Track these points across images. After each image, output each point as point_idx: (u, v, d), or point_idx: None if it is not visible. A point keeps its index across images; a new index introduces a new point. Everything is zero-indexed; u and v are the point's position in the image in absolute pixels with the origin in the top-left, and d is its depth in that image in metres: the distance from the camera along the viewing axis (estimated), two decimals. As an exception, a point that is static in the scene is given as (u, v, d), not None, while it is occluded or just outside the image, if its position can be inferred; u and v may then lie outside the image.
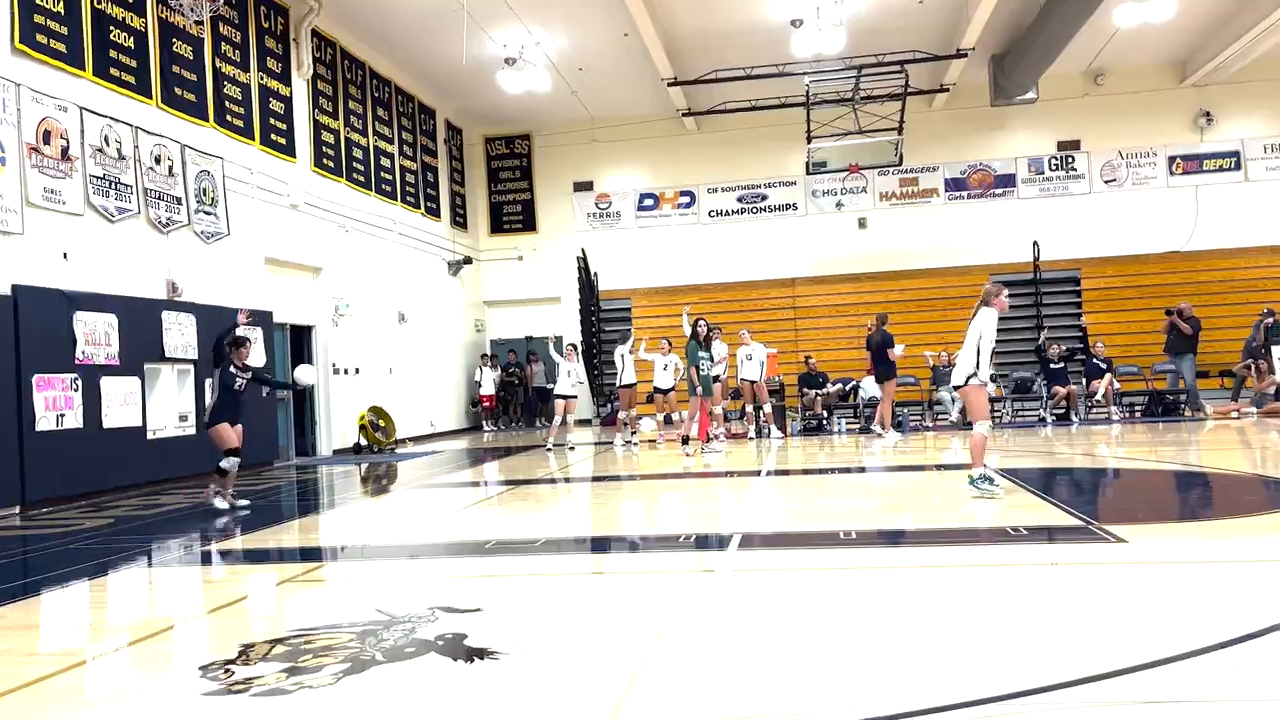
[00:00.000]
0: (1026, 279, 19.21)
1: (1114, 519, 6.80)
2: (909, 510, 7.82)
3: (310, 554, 7.14)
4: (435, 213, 19.89)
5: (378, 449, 15.49)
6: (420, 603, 4.79)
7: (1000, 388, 16.08)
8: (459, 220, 21.10)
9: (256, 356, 13.12)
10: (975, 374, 7.70)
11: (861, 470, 11.26)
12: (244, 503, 9.14)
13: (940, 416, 15.92)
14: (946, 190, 20.22)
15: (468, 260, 20.83)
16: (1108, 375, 15.46)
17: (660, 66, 17.15)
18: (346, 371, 15.85)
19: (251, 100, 13.62)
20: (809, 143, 17.79)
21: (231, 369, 8.97)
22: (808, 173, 19.21)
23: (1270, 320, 15.56)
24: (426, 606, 4.68)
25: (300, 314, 14.93)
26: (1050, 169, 19.83)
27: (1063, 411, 15.40)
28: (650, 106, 20.07)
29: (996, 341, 7.92)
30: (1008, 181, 19.97)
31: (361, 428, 15.64)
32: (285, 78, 14.52)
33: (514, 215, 22.02)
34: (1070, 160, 19.72)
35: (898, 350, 14.80)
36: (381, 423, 16.05)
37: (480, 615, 4.49)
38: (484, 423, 20.56)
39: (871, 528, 6.79)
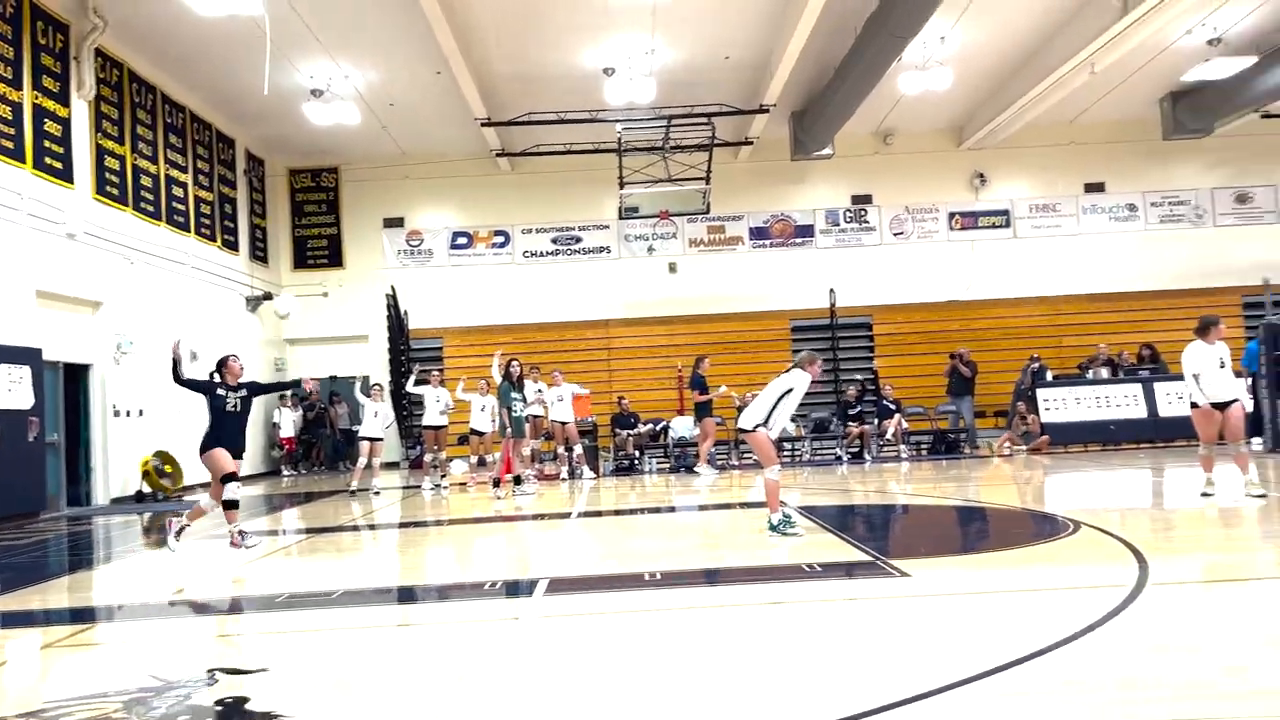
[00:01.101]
0: (824, 324, 20.27)
1: (900, 554, 7.20)
2: (713, 549, 8.01)
3: (80, 614, 6.53)
4: (233, 246, 18.94)
5: (163, 496, 14.45)
6: (199, 665, 4.46)
7: (800, 428, 16.79)
8: (259, 254, 20.16)
9: (23, 396, 12.00)
10: (764, 424, 7.96)
11: (671, 510, 11.46)
12: (254, 540, 8.24)
13: (746, 455, 16.44)
14: (751, 238, 21.09)
15: (268, 296, 19.91)
16: (897, 415, 16.46)
17: (474, 106, 17.11)
18: (129, 413, 14.73)
19: (23, 120, 12.56)
20: (621, 188, 18.16)
21: (220, 390, 8.18)
22: (620, 217, 19.59)
23: (1036, 365, 17.05)
24: (206, 669, 4.37)
25: (76, 351, 13.78)
26: (845, 221, 21.06)
27: (857, 450, 16.25)
28: (464, 145, 19.95)
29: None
30: (807, 231, 21.05)
31: (145, 474, 14.55)
32: (64, 98, 13.50)
33: (319, 250, 21.27)
34: (863, 213, 21.02)
35: (719, 390, 15.27)
36: (167, 468, 14.99)
37: (266, 676, 4.23)
38: (283, 467, 19.58)
39: (676, 568, 6.89)
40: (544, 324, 20.48)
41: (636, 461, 16.26)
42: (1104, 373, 17.01)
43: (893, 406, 16.65)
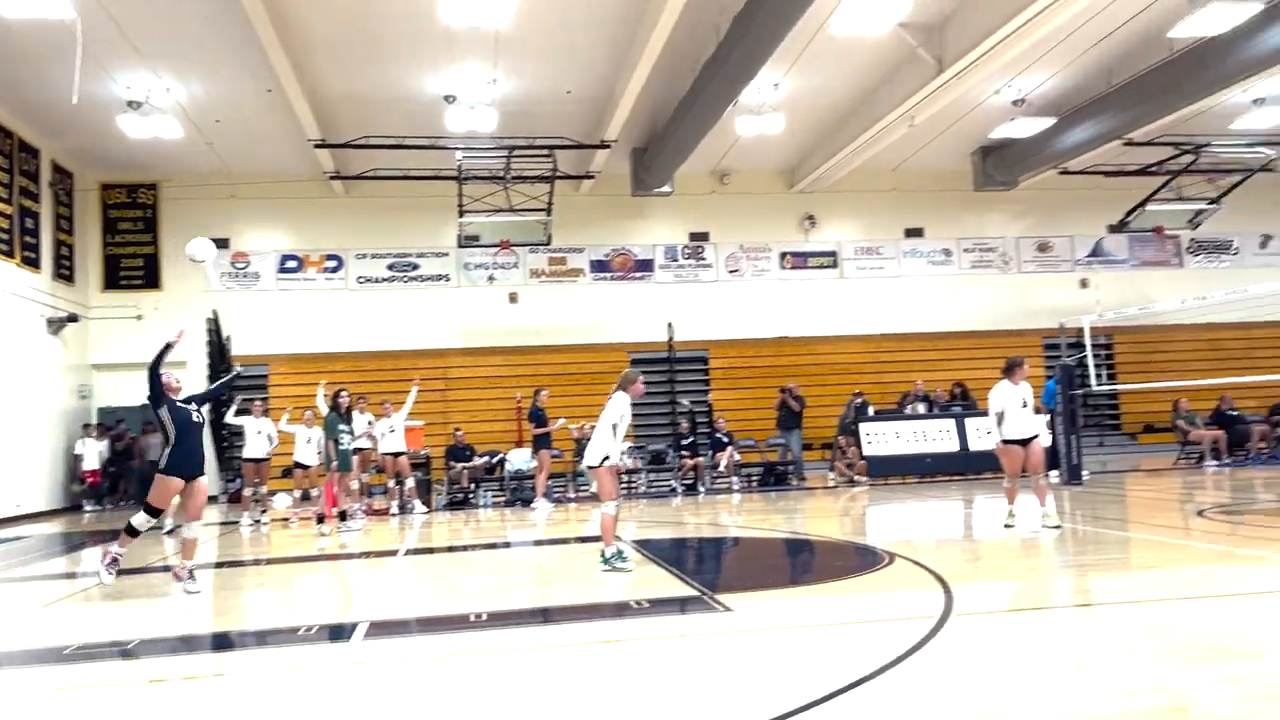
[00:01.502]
0: (662, 357, 20.57)
1: (726, 588, 7.33)
2: (545, 587, 7.92)
3: None
4: (34, 264, 17.55)
5: (-57, 536, 13.14)
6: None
7: (636, 460, 16.93)
8: (64, 273, 18.77)
9: None
10: (609, 457, 8.01)
11: (506, 546, 11.30)
12: (195, 587, 7.62)
13: (583, 488, 16.43)
14: (592, 270, 21.23)
15: (72, 318, 18.53)
16: (729, 448, 16.85)
17: (307, 127, 16.56)
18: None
19: None
20: (461, 216, 17.94)
21: (179, 401, 7.62)
22: (460, 245, 19.33)
23: (859, 400, 17.83)
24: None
25: None
26: (683, 257, 21.51)
27: (691, 482, 16.51)
28: (296, 166, 19.26)
29: (633, 415, 8.32)
30: (647, 266, 21.38)
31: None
32: None
33: (134, 271, 19.98)
34: (701, 250, 21.54)
35: (558, 423, 15.22)
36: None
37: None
38: (85, 502, 18.17)
39: (503, 607, 6.77)
40: (378, 352, 19.92)
41: (471, 495, 15.96)
42: (921, 408, 17.96)
43: (725, 439, 17.03)
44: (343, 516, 12.25)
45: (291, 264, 20.34)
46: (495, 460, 16.50)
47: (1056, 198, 21.84)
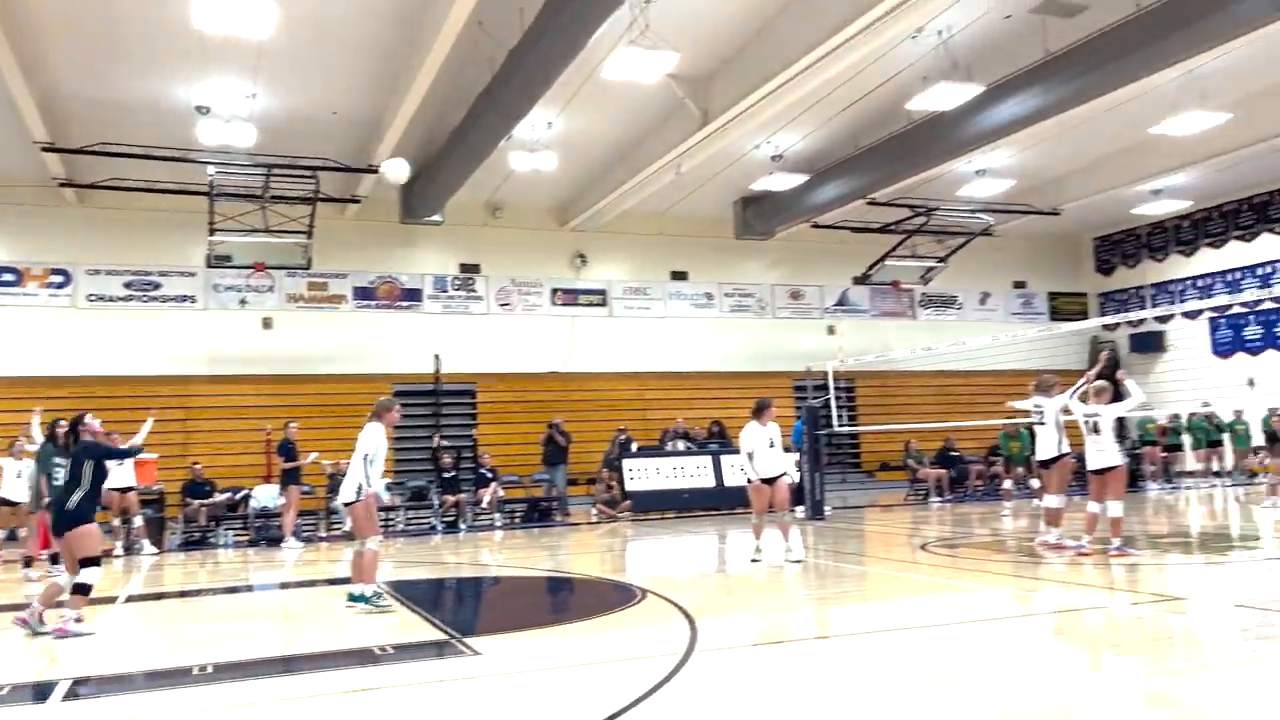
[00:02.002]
0: (428, 389, 20.06)
1: (477, 630, 7.17)
2: (283, 633, 7.43)
3: None
4: None
5: None
6: None
7: (395, 496, 16.37)
8: None
9: None
10: (363, 490, 7.68)
11: (249, 589, 10.55)
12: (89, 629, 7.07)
13: (335, 525, 15.67)
14: (355, 298, 20.45)
15: None
16: (493, 484, 16.63)
17: (33, 127, 14.99)
18: None
19: None
20: (211, 234, 16.81)
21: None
22: (209, 265, 18.10)
23: (623, 437, 18.14)
24: None
25: None
26: (453, 288, 21.17)
27: (452, 519, 16.14)
28: (18, 169, 17.35)
29: (394, 450, 8.04)
30: (414, 296, 20.86)
31: None
32: None
33: None
34: (471, 282, 21.28)
35: (310, 457, 14.45)
36: None
37: None
38: None
39: (234, 657, 6.27)
40: (110, 377, 18.16)
41: (210, 535, 14.83)
42: (681, 445, 18.51)
43: (489, 475, 16.81)
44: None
45: (9, 277, 18.23)
46: (239, 497, 15.43)
47: (808, 249, 23.31)
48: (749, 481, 10.10)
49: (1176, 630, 6.39)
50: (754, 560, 9.95)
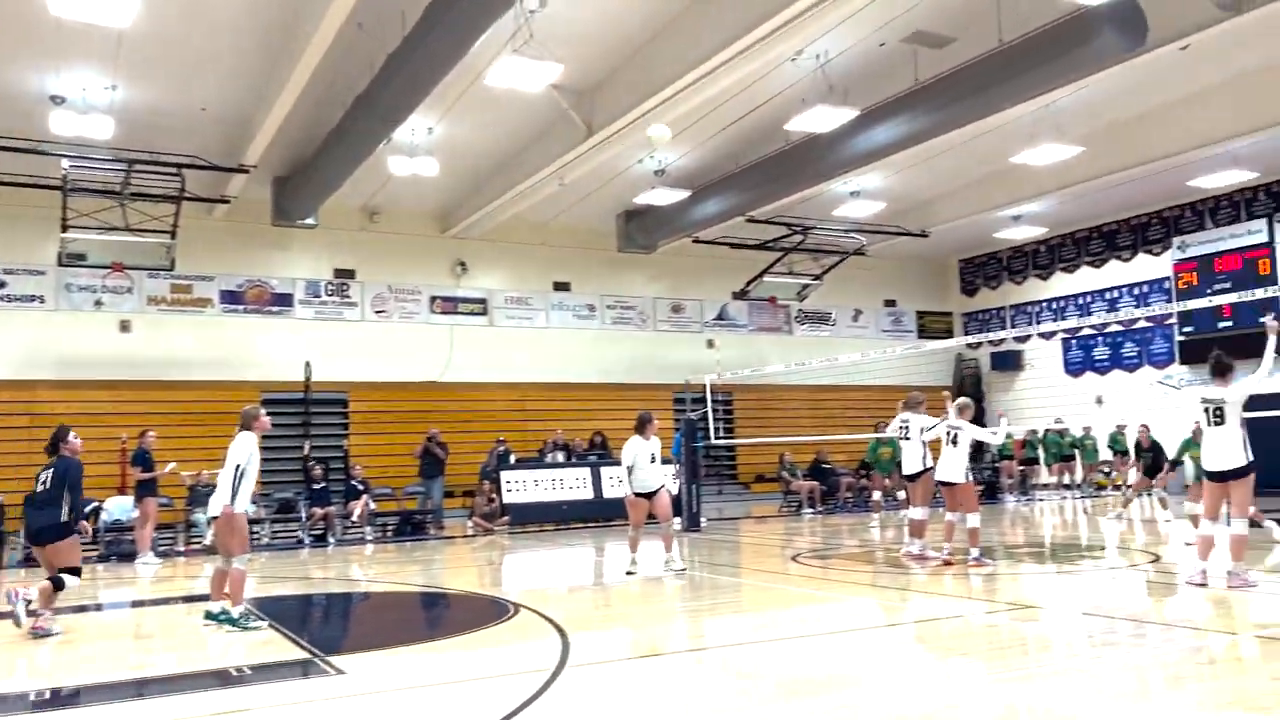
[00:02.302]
0: (298, 398, 19.38)
1: (342, 648, 6.93)
2: (134, 655, 7.02)
3: None
4: None
5: None
6: None
7: (261, 509, 15.74)
8: None
9: None
10: (231, 504, 7.35)
11: (98, 608, 9.96)
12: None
13: (195, 539, 14.95)
14: (223, 301, 19.61)
15: None
16: (364, 496, 16.17)
17: None
18: None
19: None
20: (64, 231, 15.87)
21: None
22: (60, 264, 17.07)
23: (502, 448, 17.94)
24: None
25: None
26: (327, 293, 20.54)
27: (321, 532, 15.62)
28: None
29: (261, 460, 7.72)
30: (285, 300, 20.15)
31: None
32: None
33: None
34: (345, 287, 20.70)
35: (168, 467, 13.76)
36: None
37: None
38: None
39: (79, 682, 5.88)
40: (-55, 381, 16.93)
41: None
42: (560, 457, 18.42)
43: (361, 487, 16.34)
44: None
45: None
46: (89, 509, 14.53)
47: (689, 263, 23.60)
48: (628, 495, 10.11)
49: (1030, 637, 6.69)
50: (629, 573, 9.96)
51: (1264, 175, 19.79)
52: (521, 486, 17.13)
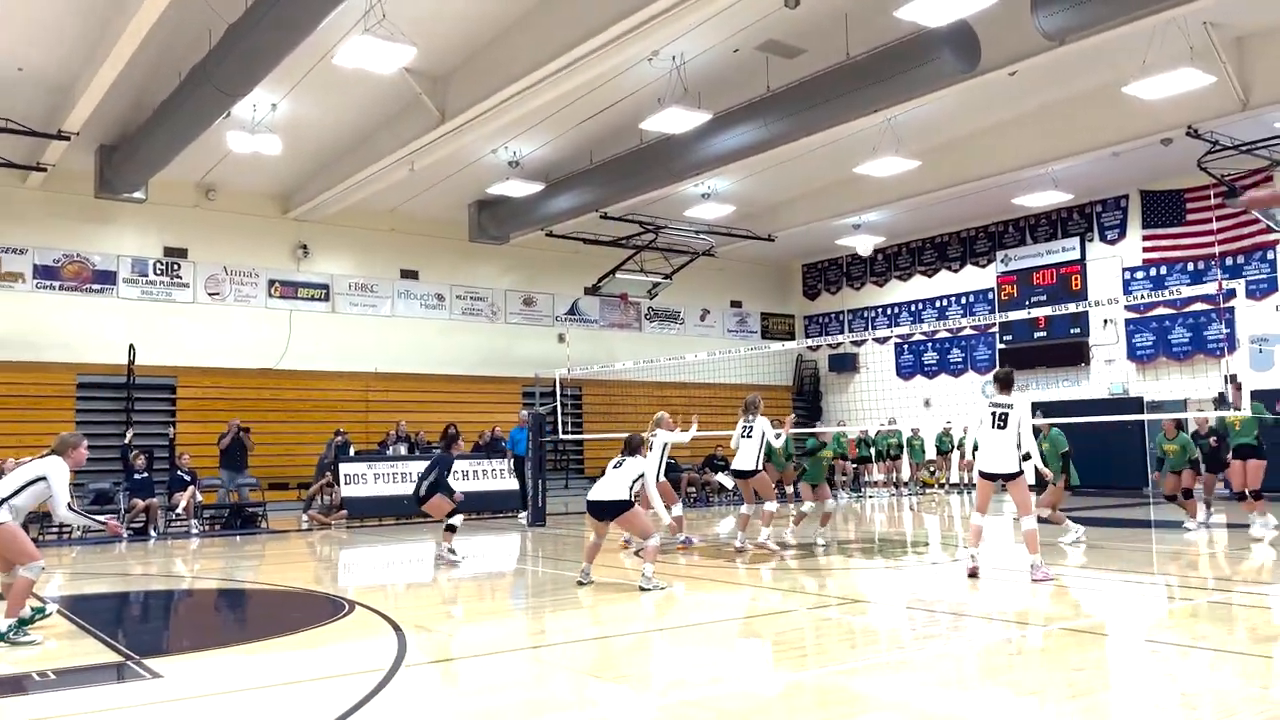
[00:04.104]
0: (120, 382, 18.19)
1: (159, 650, 6.55)
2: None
3: None
4: None
5: None
6: None
7: (75, 498, 14.67)
8: None
9: None
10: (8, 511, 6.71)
11: None
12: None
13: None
14: (37, 277, 18.19)
15: None
16: (191, 487, 15.34)
17: None
18: None
19: None
20: None
21: None
22: None
23: (340, 439, 17.38)
24: None
25: None
26: (155, 273, 19.36)
27: (142, 525, 14.72)
28: None
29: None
30: (108, 278, 18.87)
31: None
32: None
33: None
34: (176, 267, 19.56)
35: None
36: None
37: None
38: None
39: None
40: None
41: None
42: (402, 449, 17.98)
43: (188, 477, 15.49)
44: None
45: None
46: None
47: (542, 257, 23.49)
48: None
49: (857, 629, 6.98)
50: (580, 582, 9.24)
51: (1078, 197, 21.36)
52: (360, 479, 16.65)
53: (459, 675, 5.73)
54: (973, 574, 8.63)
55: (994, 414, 8.76)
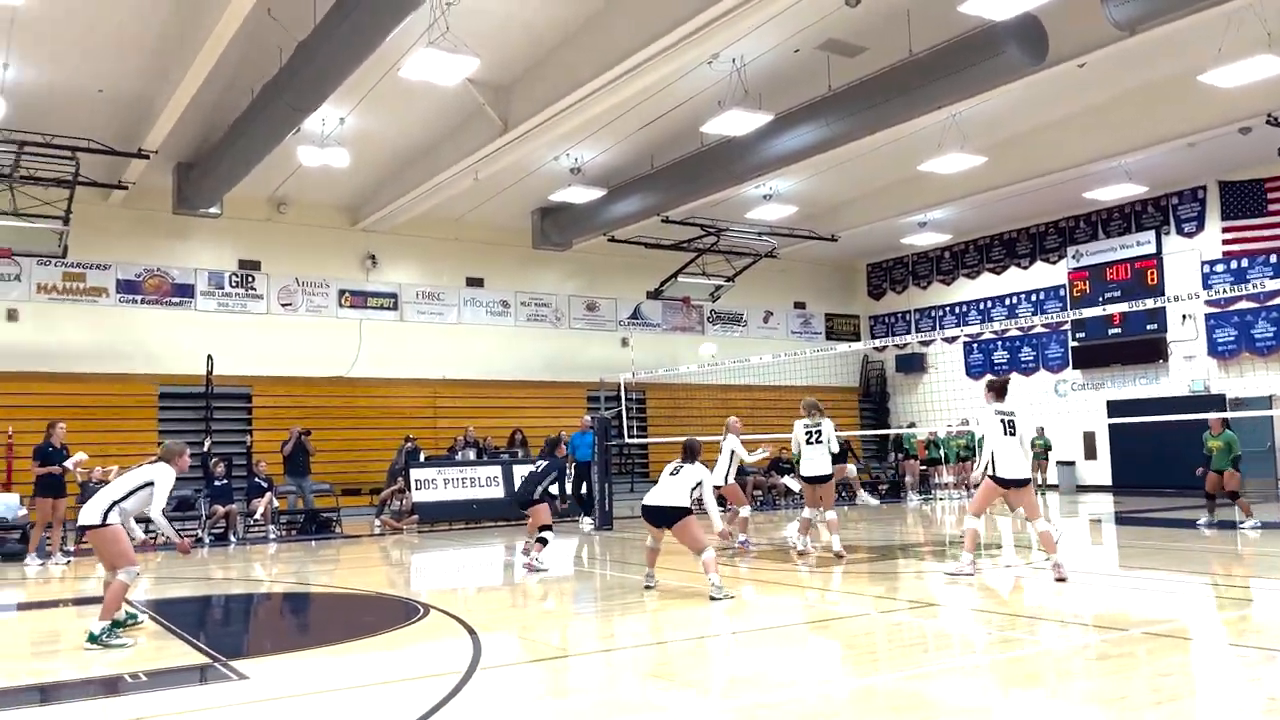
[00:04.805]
0: (198, 392, 18.75)
1: (244, 652, 6.75)
2: (17, 660, 6.70)
3: None
4: None
5: None
6: None
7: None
8: None
9: None
10: (106, 514, 7.00)
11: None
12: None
13: (85, 541, 14.33)
14: (119, 291, 18.87)
15: None
16: (268, 494, 15.74)
17: None
18: None
19: None
20: (-56, 216, 15.07)
21: None
22: (-58, 249, 16.20)
23: (410, 445, 17.67)
24: None
25: None
26: (231, 285, 19.94)
27: (222, 530, 15.15)
28: None
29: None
30: (186, 291, 19.49)
31: None
32: None
33: None
34: (250, 279, 20.12)
35: (78, 457, 13.13)
36: None
37: None
38: None
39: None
40: None
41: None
42: (471, 454, 18.22)
43: (264, 484, 15.90)
44: None
45: None
46: (-27, 507, 13.84)
47: (604, 262, 23.62)
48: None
49: (929, 633, 6.90)
50: (646, 587, 9.01)
51: (1152, 189, 20.78)
52: (431, 484, 16.91)
53: (532, 678, 5.80)
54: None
55: (1003, 422, 8.95)
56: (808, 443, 11.05)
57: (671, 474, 8.66)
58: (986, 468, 8.98)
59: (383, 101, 15.17)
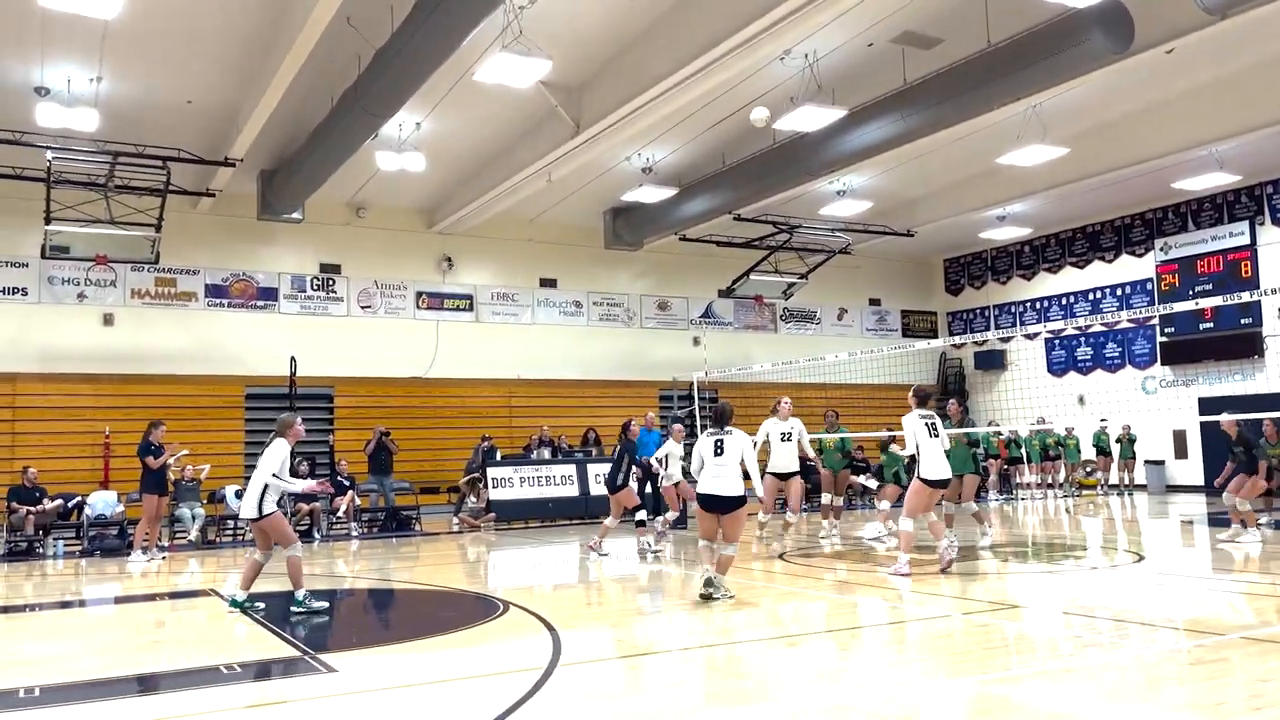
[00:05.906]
0: (282, 393, 19.27)
1: (332, 646, 6.92)
2: (117, 653, 6.98)
3: None
4: None
5: None
6: None
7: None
8: None
9: None
10: (261, 506, 7.84)
11: (81, 604, 9.89)
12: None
13: (179, 535, 14.89)
14: (208, 295, 19.51)
15: None
16: (350, 492, 16.13)
17: None
18: None
19: None
20: (48, 223, 15.74)
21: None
22: (44, 256, 16.92)
23: (487, 445, 17.91)
24: None
25: None
26: (312, 288, 20.46)
27: (306, 528, 15.57)
28: None
29: (246, 456, 7.93)
30: (270, 295, 20.06)
31: None
32: None
33: None
34: (331, 282, 20.62)
35: (181, 453, 13.73)
36: None
37: None
38: None
39: (63, 680, 5.86)
40: (-74, 374, 16.78)
41: (38, 544, 13.84)
42: (546, 453, 18.41)
43: (346, 482, 16.29)
44: None
45: None
46: (74, 504, 14.47)
47: (676, 261, 23.62)
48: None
49: (1013, 636, 6.75)
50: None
51: (1246, 178, 20.00)
52: (507, 483, 17.13)
53: (612, 675, 5.84)
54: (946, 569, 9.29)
55: (927, 425, 9.46)
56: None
57: (716, 454, 8.37)
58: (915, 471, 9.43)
59: (458, 106, 15.40)
